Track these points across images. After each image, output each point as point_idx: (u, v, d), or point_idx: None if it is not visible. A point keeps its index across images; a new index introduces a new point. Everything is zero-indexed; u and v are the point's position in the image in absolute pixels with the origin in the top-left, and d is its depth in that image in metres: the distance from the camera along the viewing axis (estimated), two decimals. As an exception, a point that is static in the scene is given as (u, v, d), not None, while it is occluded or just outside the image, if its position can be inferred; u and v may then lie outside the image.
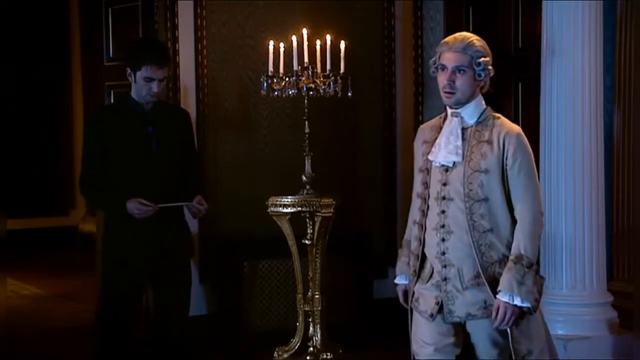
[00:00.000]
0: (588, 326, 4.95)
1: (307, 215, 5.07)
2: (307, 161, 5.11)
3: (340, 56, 5.08)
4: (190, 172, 4.68)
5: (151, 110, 4.55)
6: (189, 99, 5.93)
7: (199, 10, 5.92)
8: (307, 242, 5.12)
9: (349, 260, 6.13)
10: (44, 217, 10.42)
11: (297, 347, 5.17)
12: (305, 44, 5.04)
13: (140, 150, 4.48)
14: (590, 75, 4.94)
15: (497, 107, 5.97)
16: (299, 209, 5.03)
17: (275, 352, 5.19)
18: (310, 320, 5.16)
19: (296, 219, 5.12)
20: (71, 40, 10.23)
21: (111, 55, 6.11)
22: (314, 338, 5.13)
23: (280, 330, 5.74)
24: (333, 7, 6.20)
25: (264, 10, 6.08)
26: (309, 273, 5.16)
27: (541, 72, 5.08)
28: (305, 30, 5.08)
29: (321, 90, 5.07)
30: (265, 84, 5.07)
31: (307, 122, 5.12)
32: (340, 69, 5.08)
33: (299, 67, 5.04)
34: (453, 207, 3.47)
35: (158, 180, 4.49)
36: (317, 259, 5.12)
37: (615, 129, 5.33)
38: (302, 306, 5.19)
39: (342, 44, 5.10)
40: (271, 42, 5.09)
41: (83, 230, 9.86)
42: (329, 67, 5.06)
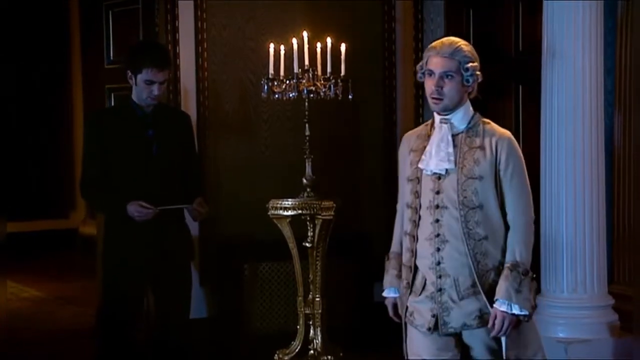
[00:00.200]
0: (589, 329, 4.95)
1: (308, 218, 5.06)
2: (307, 164, 5.10)
3: (340, 59, 5.07)
4: (190, 174, 4.69)
5: (152, 113, 4.55)
6: (189, 101, 5.93)
7: (199, 13, 5.92)
8: (307, 244, 5.11)
9: (350, 263, 6.12)
10: (44, 220, 10.41)
11: (297, 350, 5.16)
12: (306, 46, 5.04)
13: (140, 152, 4.49)
14: (591, 78, 4.94)
15: (497, 110, 6.04)
16: (300, 211, 5.02)
17: (276, 355, 5.17)
18: (310, 323, 5.15)
19: (297, 222, 5.11)
20: (71, 43, 10.23)
21: (112, 57, 6.10)
22: (314, 341, 5.12)
23: (280, 333, 5.73)
24: (333, 10, 6.20)
25: (264, 12, 6.09)
26: (310, 276, 5.15)
27: (542, 75, 5.08)
28: (305, 33, 5.07)
29: (322, 93, 5.06)
30: (266, 87, 5.06)
31: (307, 124, 5.11)
32: (340, 72, 5.07)
33: (300, 69, 5.03)
34: (447, 216, 3.42)
35: (158, 183, 4.49)
36: (317, 262, 5.12)
37: (616, 132, 5.33)
38: (302, 309, 5.18)
39: (343, 47, 5.09)
40: (272, 45, 5.09)
41: (83, 232, 9.86)
42: (329, 69, 5.05)
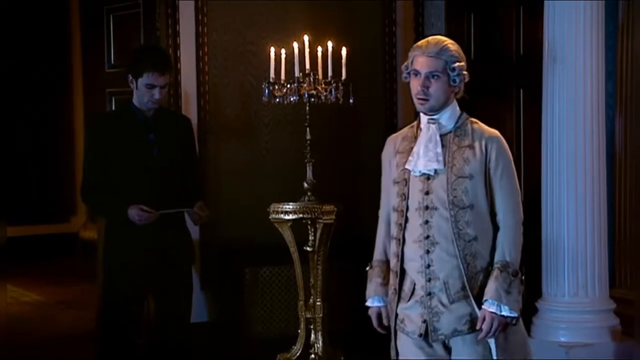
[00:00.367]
0: (590, 333, 4.95)
1: (309, 222, 5.06)
2: (308, 168, 5.10)
3: (341, 62, 5.07)
4: (191, 178, 4.68)
5: (152, 117, 4.55)
6: (190, 105, 5.93)
7: (200, 17, 5.92)
8: (308, 248, 5.10)
9: (351, 267, 6.11)
10: (45, 224, 10.40)
11: (298, 354, 5.15)
12: (307, 50, 5.04)
13: (141, 156, 4.48)
14: (592, 81, 4.94)
15: (498, 113, 6.04)
16: (301, 215, 5.01)
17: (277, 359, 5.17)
18: (311, 327, 5.14)
19: (298, 226, 5.11)
20: (71, 47, 10.23)
21: (112, 61, 6.10)
22: (315, 345, 5.11)
23: (281, 337, 5.72)
24: (334, 14, 6.20)
25: (265, 16, 6.08)
26: (311, 280, 5.15)
27: (543, 79, 5.08)
28: (306, 37, 5.07)
29: (323, 97, 5.06)
30: (267, 91, 5.06)
31: (308, 128, 5.11)
32: (341, 76, 5.07)
33: (301, 73, 5.03)
34: (437, 217, 3.34)
35: (159, 187, 4.48)
36: (318, 266, 5.11)
37: (617, 135, 5.33)
38: (303, 313, 5.17)
39: (344, 51, 5.09)
40: (272, 49, 5.08)
41: (84, 237, 9.84)
42: (330, 73, 5.05)
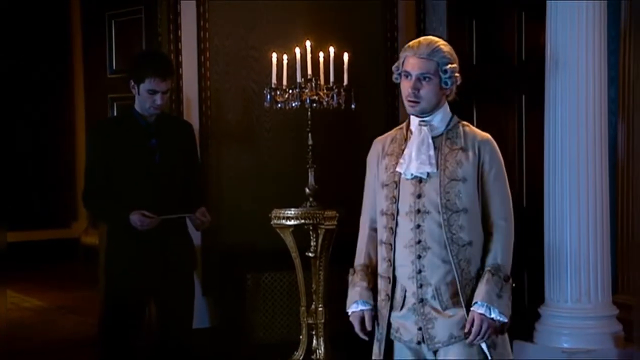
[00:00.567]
0: (593, 339, 4.93)
1: (311, 228, 5.06)
2: (310, 173, 5.10)
3: (343, 68, 5.08)
4: (193, 184, 4.68)
5: (154, 123, 4.54)
6: (191, 111, 5.93)
7: (202, 22, 5.92)
8: (310, 254, 5.10)
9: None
10: (46, 230, 10.40)
11: (300, 359, 5.16)
12: (309, 56, 5.05)
13: (143, 162, 4.48)
14: (595, 87, 4.94)
15: (500, 118, 6.03)
16: (302, 221, 5.01)
17: (278, 365, 5.18)
18: (313, 332, 5.15)
19: (299, 231, 5.11)
20: (73, 52, 10.23)
21: (114, 67, 6.10)
22: (317, 351, 5.11)
23: (283, 343, 5.71)
24: (336, 20, 6.20)
25: (267, 22, 6.08)
26: (313, 285, 5.15)
27: (545, 84, 5.07)
28: (308, 42, 5.08)
29: (325, 102, 5.07)
30: (269, 96, 5.06)
31: (310, 134, 5.12)
32: (343, 81, 5.07)
33: (303, 79, 5.04)
34: (429, 221, 3.24)
35: (161, 192, 4.48)
36: (320, 272, 5.11)
37: (619, 140, 5.32)
38: (305, 319, 5.17)
39: (346, 56, 5.09)
40: (274, 54, 5.09)
41: (85, 242, 9.84)
42: (332, 79, 5.06)
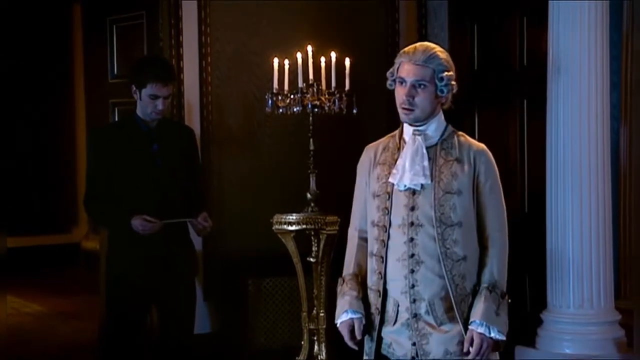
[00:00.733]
0: (595, 345, 4.92)
1: (312, 233, 5.04)
2: (311, 178, 5.09)
3: (345, 73, 5.06)
4: (194, 189, 4.67)
5: (156, 128, 4.54)
6: (193, 116, 5.92)
7: (203, 27, 5.92)
8: (312, 259, 5.09)
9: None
10: (46, 235, 10.39)
11: (302, 365, 5.15)
12: (310, 61, 5.03)
13: (145, 167, 4.47)
14: (597, 92, 4.93)
15: (502, 123, 6.03)
16: (304, 226, 5.00)
17: (280, 371, 5.16)
18: (315, 338, 5.13)
19: (301, 237, 5.10)
20: (74, 57, 10.23)
21: (116, 72, 6.10)
22: (318, 357, 5.09)
23: (284, 348, 5.70)
24: (338, 25, 6.20)
25: (268, 27, 6.08)
26: (314, 291, 5.13)
27: (547, 90, 5.07)
28: (310, 47, 5.07)
29: (326, 108, 5.06)
30: (270, 101, 5.05)
31: (311, 139, 5.11)
32: (345, 86, 5.06)
33: (304, 84, 5.03)
34: (423, 234, 3.13)
35: (162, 198, 4.47)
36: (322, 277, 5.09)
37: (621, 146, 5.32)
38: (306, 324, 5.15)
39: (347, 61, 5.08)
40: (276, 59, 5.08)
41: (85, 247, 9.83)
42: (334, 84, 5.05)
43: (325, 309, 5.10)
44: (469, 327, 3.12)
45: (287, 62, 5.07)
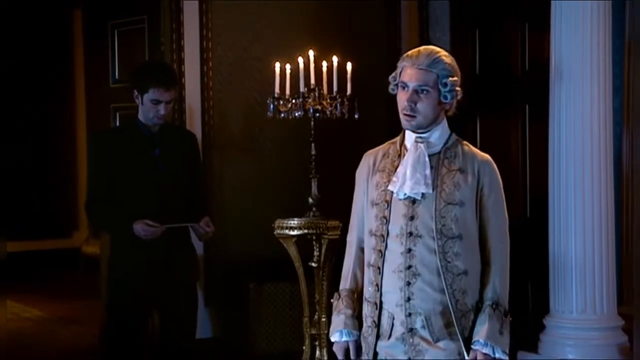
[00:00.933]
0: (598, 350, 4.91)
1: (314, 238, 5.05)
2: (313, 183, 5.09)
3: (346, 78, 5.07)
4: (196, 194, 4.66)
5: (158, 133, 4.53)
6: (194, 120, 5.92)
7: (205, 32, 5.92)
8: (313, 264, 5.09)
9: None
10: (46, 240, 10.38)
11: (303, 370, 5.14)
12: (312, 65, 5.04)
13: (146, 172, 4.47)
14: (600, 98, 4.92)
15: (504, 129, 6.02)
16: (306, 231, 5.01)
17: (282, 376, 5.16)
18: (316, 343, 5.13)
19: (303, 241, 5.09)
20: (74, 61, 10.22)
21: (117, 77, 6.10)
22: (320, 361, 5.10)
23: (286, 353, 5.70)
24: (339, 29, 6.19)
25: (270, 32, 6.08)
26: (316, 296, 5.13)
27: (550, 95, 5.06)
28: (311, 52, 5.08)
29: (328, 112, 5.06)
30: (272, 106, 5.06)
31: (313, 144, 5.11)
32: (346, 91, 5.07)
33: (306, 88, 5.03)
34: (421, 245, 3.03)
35: (164, 202, 4.47)
36: (323, 282, 5.10)
37: (624, 151, 5.31)
38: (308, 329, 5.16)
39: (349, 66, 5.09)
40: (277, 64, 5.09)
41: (86, 252, 9.82)
42: (335, 88, 5.05)
43: (326, 314, 5.10)
44: (472, 346, 3.02)
45: (288, 66, 5.08)
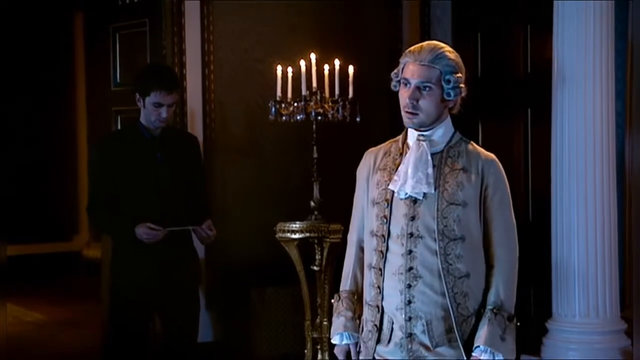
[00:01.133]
0: (601, 354, 4.90)
1: (316, 241, 5.04)
2: (315, 186, 5.09)
3: (348, 81, 5.07)
4: (198, 197, 4.66)
5: (160, 136, 4.53)
6: (195, 123, 5.91)
7: (206, 35, 5.92)
8: (315, 268, 5.08)
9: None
10: (47, 243, 10.37)
11: (305, 374, 5.13)
12: (314, 68, 5.03)
13: (148, 175, 4.46)
14: (603, 101, 4.91)
15: (506, 133, 6.01)
16: (308, 234, 5.00)
17: (283, 380, 5.15)
18: (318, 347, 5.12)
19: (304, 245, 5.08)
20: (75, 64, 10.21)
21: (118, 80, 6.09)
22: (322, 365, 5.09)
23: (288, 357, 5.69)
24: (341, 33, 6.19)
25: (271, 34, 6.07)
26: (317, 299, 5.12)
27: (552, 99, 5.05)
28: (313, 55, 5.07)
29: (330, 115, 5.06)
30: (274, 109, 5.05)
31: (315, 147, 5.10)
32: (348, 94, 5.06)
33: (307, 92, 5.03)
34: (422, 247, 2.93)
35: (166, 206, 4.46)
36: (325, 285, 5.08)
37: (627, 155, 5.30)
38: (310, 333, 5.15)
39: (351, 69, 5.08)
40: (279, 67, 5.08)
41: (87, 255, 9.82)
42: (337, 91, 5.04)
43: (328, 317, 5.09)
44: (472, 353, 2.94)
45: (290, 69, 5.07)
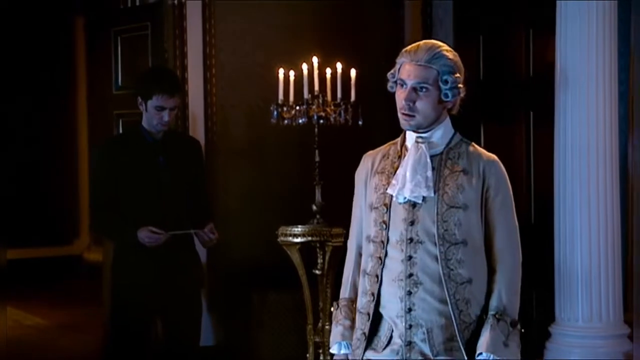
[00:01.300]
0: (604, 358, 4.89)
1: (318, 245, 5.03)
2: (317, 190, 5.08)
3: (350, 84, 5.06)
4: (200, 201, 4.65)
5: (162, 139, 4.53)
6: (197, 127, 5.91)
7: (208, 38, 5.91)
8: (317, 271, 5.07)
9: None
10: (47, 247, 10.35)
11: (307, 379, 5.12)
12: (316, 72, 5.03)
13: (150, 179, 4.46)
14: (605, 104, 4.90)
15: (508, 135, 6.00)
16: (309, 238, 4.98)
17: (285, 384, 5.13)
18: (320, 351, 5.11)
19: (306, 249, 5.07)
20: (76, 68, 10.21)
21: (120, 83, 6.09)
22: (324, 370, 5.07)
23: (289, 361, 5.68)
24: (344, 36, 6.19)
25: (274, 38, 6.07)
26: (320, 303, 5.11)
27: (555, 101, 5.04)
28: (315, 58, 5.06)
29: (332, 119, 5.05)
30: (276, 113, 5.05)
31: (317, 150, 5.09)
32: (350, 97, 5.05)
33: (310, 95, 5.02)
34: (422, 252, 2.85)
35: (168, 210, 4.46)
36: (327, 289, 5.07)
37: (629, 158, 5.29)
38: (312, 337, 5.13)
39: (353, 72, 5.07)
40: (281, 70, 5.07)
41: (87, 259, 9.80)
42: (339, 95, 5.03)
43: (330, 321, 5.06)
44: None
45: (292, 73, 5.06)
